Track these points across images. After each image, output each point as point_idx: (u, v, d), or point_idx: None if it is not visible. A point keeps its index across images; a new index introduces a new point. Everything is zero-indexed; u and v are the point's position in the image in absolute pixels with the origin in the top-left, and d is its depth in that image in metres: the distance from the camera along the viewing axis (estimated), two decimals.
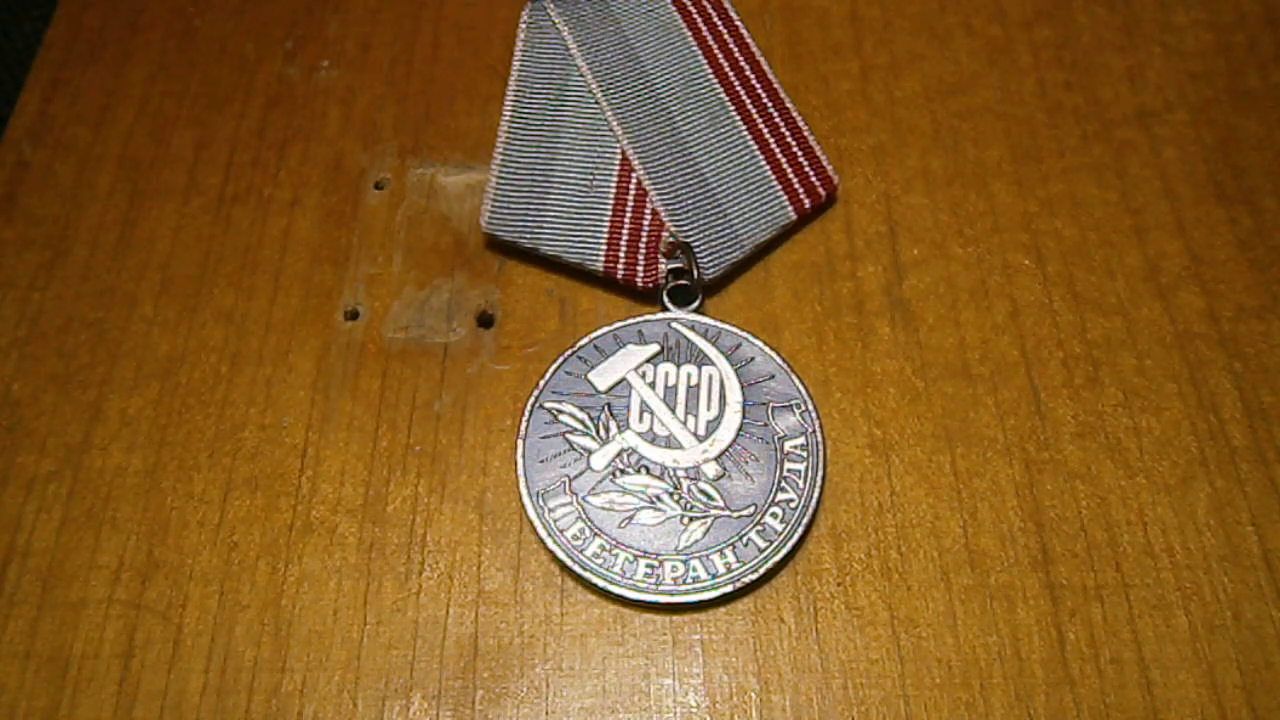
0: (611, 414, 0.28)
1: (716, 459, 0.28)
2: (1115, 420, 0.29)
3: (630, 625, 0.26)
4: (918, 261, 0.31)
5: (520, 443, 0.28)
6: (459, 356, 0.30)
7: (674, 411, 0.28)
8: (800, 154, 0.32)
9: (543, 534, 0.27)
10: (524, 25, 0.34)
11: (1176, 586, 0.26)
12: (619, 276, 0.30)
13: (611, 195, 0.31)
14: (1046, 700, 0.25)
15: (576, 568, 0.26)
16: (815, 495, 0.27)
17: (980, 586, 0.26)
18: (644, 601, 0.26)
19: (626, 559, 0.26)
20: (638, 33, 0.34)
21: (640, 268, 0.30)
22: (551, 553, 0.27)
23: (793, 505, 0.27)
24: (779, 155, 0.32)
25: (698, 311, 0.30)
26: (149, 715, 0.25)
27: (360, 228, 0.32)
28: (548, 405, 0.28)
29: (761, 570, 0.26)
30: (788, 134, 0.33)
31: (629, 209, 0.31)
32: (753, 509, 0.27)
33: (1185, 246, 0.31)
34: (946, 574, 0.27)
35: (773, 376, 0.29)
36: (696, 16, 0.35)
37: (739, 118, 0.33)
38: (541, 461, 0.28)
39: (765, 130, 0.33)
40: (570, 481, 0.27)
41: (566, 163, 0.32)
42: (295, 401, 0.29)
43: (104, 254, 0.32)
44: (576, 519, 0.27)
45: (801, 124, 0.33)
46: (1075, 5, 0.36)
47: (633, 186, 0.31)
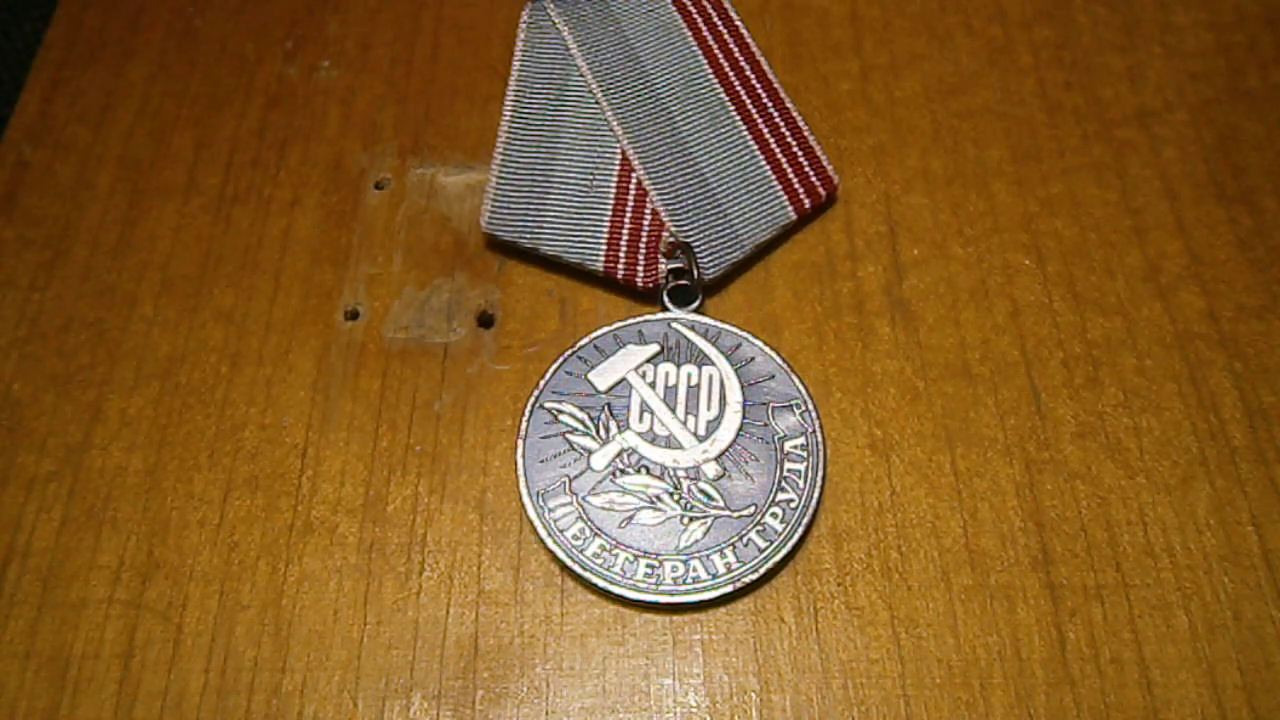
0: (611, 414, 0.28)
1: (716, 459, 0.28)
2: (1115, 420, 0.29)
3: (630, 625, 0.26)
4: (918, 261, 0.31)
5: (520, 443, 0.28)
6: (459, 356, 0.30)
7: (674, 411, 0.28)
8: (800, 154, 0.32)
9: (543, 534, 0.27)
10: (524, 25, 0.34)
11: (1177, 586, 0.26)
12: (619, 276, 0.30)
13: (611, 195, 0.31)
14: (1046, 700, 0.25)
15: (577, 568, 0.26)
16: (815, 495, 0.27)
17: (980, 586, 0.26)
18: (644, 601, 0.26)
19: (627, 559, 0.26)
20: (638, 33, 0.34)
21: (640, 268, 0.30)
22: (552, 553, 0.27)
23: (793, 505, 0.27)
24: (779, 155, 0.32)
25: (698, 311, 0.30)
26: (149, 715, 0.25)
27: (360, 228, 0.32)
28: (548, 405, 0.28)
29: (761, 570, 0.26)
30: (788, 134, 0.33)
31: (629, 209, 0.31)
32: (753, 509, 0.27)
33: (1185, 246, 0.31)
34: (947, 574, 0.27)
35: (773, 376, 0.29)
36: (696, 16, 0.35)
37: (739, 118, 0.33)
38: (542, 461, 0.28)
39: (765, 130, 0.33)
40: (570, 481, 0.27)
41: (566, 163, 0.32)
42: (295, 401, 0.29)
43: (104, 254, 0.32)
44: (576, 519, 0.27)
45: (801, 124, 0.33)
46: (1075, 5, 0.36)
47: (633, 186, 0.31)
